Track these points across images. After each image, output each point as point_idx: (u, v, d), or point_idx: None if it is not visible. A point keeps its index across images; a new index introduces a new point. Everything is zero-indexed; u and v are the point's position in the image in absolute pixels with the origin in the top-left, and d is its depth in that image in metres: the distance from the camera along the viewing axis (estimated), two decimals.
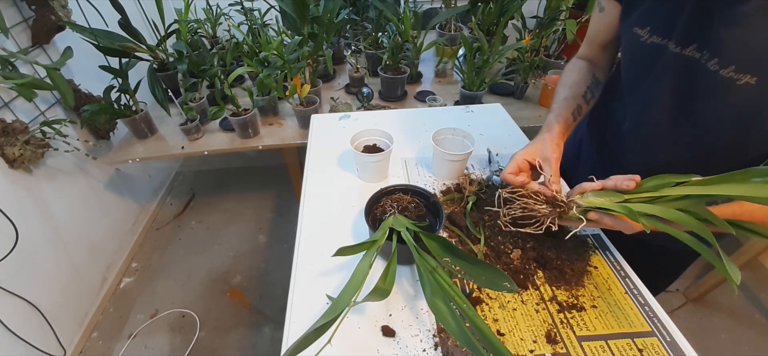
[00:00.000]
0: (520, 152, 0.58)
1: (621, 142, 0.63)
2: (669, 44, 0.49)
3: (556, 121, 0.61)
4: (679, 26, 0.48)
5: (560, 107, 0.64)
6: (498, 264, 0.57)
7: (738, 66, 0.43)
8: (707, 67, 0.45)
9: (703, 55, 0.46)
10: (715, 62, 0.45)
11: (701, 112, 0.50)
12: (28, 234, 1.16)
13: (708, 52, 0.45)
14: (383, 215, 0.59)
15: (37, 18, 1.18)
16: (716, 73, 0.45)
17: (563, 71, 0.71)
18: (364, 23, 1.75)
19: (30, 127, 1.16)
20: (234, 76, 1.23)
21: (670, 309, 1.47)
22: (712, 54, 0.45)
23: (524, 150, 0.58)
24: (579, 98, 0.64)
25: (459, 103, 1.44)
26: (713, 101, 0.48)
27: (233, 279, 1.62)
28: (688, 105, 0.51)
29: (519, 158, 0.58)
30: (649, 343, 0.47)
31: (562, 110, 0.63)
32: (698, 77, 0.47)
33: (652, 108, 0.55)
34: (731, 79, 0.44)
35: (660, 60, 0.51)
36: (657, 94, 0.54)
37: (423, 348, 0.48)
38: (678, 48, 0.48)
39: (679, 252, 0.70)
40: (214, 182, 2.20)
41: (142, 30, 1.42)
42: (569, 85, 0.66)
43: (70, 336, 1.34)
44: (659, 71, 0.52)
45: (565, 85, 0.67)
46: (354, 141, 0.74)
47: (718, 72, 0.44)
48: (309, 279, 0.57)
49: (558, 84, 0.69)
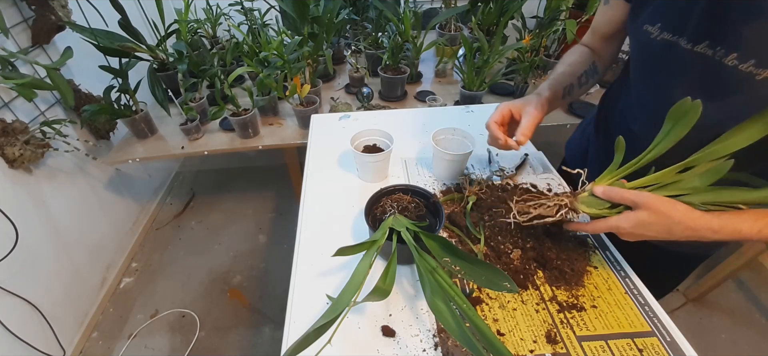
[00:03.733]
0: (506, 103, 0.63)
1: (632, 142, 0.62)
2: (680, 41, 0.49)
3: (548, 88, 0.66)
4: (692, 22, 0.47)
5: (555, 79, 0.67)
6: (498, 264, 0.57)
7: (758, 61, 0.42)
8: (724, 63, 0.45)
9: (718, 52, 0.45)
10: (733, 57, 0.44)
11: (716, 109, 0.49)
12: (28, 234, 1.16)
13: (724, 48, 0.44)
14: (383, 215, 0.59)
15: (37, 18, 1.18)
16: (735, 68, 0.44)
17: (566, 53, 0.73)
18: (364, 23, 1.75)
19: (30, 127, 1.16)
20: (234, 76, 1.23)
21: (670, 309, 1.47)
22: (729, 49, 0.44)
23: (510, 102, 0.63)
24: (573, 78, 0.68)
25: (459, 103, 1.44)
26: (731, 96, 0.47)
27: (233, 279, 1.62)
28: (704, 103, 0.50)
29: (504, 108, 0.63)
30: (649, 343, 0.47)
31: (555, 83, 0.67)
32: (714, 73, 0.47)
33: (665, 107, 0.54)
34: (751, 74, 0.43)
35: (671, 57, 0.51)
36: (669, 92, 0.53)
37: (423, 348, 0.48)
38: (690, 45, 0.48)
39: (682, 255, 0.70)
40: (214, 182, 2.20)
41: (142, 30, 1.41)
42: (568, 63, 0.69)
43: (69, 336, 1.34)
44: (671, 69, 0.52)
45: (564, 62, 0.70)
46: (354, 141, 0.74)
47: (737, 67, 0.44)
48: (309, 279, 0.57)
49: (559, 61, 0.72)
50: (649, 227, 0.46)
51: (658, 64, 0.54)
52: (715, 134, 0.50)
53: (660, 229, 0.45)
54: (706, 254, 0.70)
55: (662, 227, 0.45)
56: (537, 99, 0.63)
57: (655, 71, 0.55)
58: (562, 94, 0.67)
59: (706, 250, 0.69)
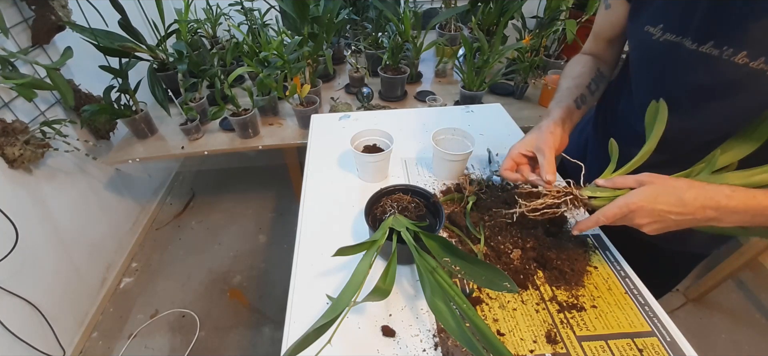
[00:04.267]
0: (516, 146, 0.59)
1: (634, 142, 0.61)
2: (684, 41, 0.48)
3: (557, 107, 0.61)
4: (695, 23, 0.47)
5: (562, 95, 0.64)
6: (498, 264, 0.57)
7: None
8: (733, 62, 0.44)
9: (725, 51, 0.45)
10: (743, 55, 0.44)
11: (724, 107, 0.49)
12: (28, 234, 1.16)
13: (732, 47, 0.44)
14: (383, 215, 0.59)
15: (37, 18, 1.18)
16: (746, 66, 0.44)
17: (567, 65, 0.71)
18: (364, 23, 1.75)
19: (30, 127, 1.16)
20: (234, 76, 1.23)
21: (670, 309, 1.47)
22: (738, 48, 0.44)
23: (519, 143, 0.59)
24: (583, 88, 0.64)
25: (459, 103, 1.44)
26: (740, 94, 0.47)
27: (233, 279, 1.62)
28: (710, 101, 0.50)
29: (514, 153, 0.59)
30: (649, 343, 0.47)
31: (564, 99, 0.63)
32: (721, 72, 0.46)
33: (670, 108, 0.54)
34: (762, 71, 0.43)
35: (675, 58, 0.50)
36: (673, 92, 0.52)
37: (423, 348, 0.48)
38: (695, 45, 0.47)
39: (684, 254, 0.70)
40: (214, 182, 2.20)
41: (142, 30, 1.42)
42: (572, 76, 0.66)
43: (69, 336, 1.34)
44: (675, 69, 0.51)
45: (568, 76, 0.67)
46: (354, 141, 0.74)
47: (748, 65, 0.43)
48: (309, 279, 0.57)
49: (561, 77, 0.69)
50: (660, 198, 0.44)
51: (661, 65, 0.53)
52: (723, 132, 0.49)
53: (672, 199, 0.43)
54: (705, 253, 0.69)
55: (674, 197, 0.43)
56: (545, 126, 0.58)
57: (658, 72, 0.54)
58: (575, 107, 0.63)
59: (705, 249, 0.68)
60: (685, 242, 0.64)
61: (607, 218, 0.46)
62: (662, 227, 0.45)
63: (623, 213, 0.46)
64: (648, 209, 0.44)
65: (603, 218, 0.47)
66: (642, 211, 0.45)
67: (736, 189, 0.43)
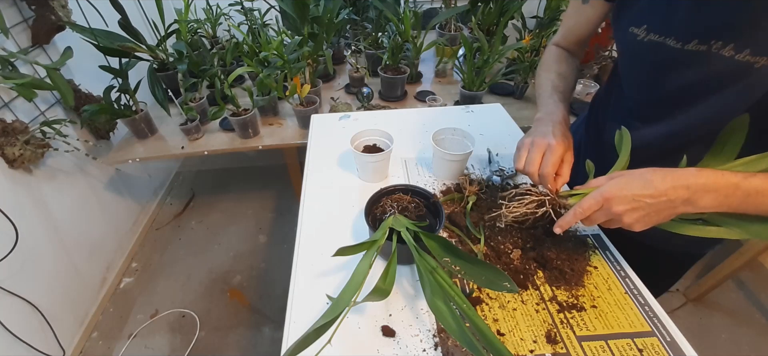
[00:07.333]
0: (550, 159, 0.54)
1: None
2: (668, 41, 0.49)
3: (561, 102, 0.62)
4: (677, 21, 0.47)
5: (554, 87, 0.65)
6: (498, 264, 0.57)
7: (754, 49, 0.43)
8: (721, 55, 0.45)
9: (713, 45, 0.45)
10: (730, 49, 0.44)
11: (713, 101, 0.49)
12: (28, 234, 1.16)
13: (719, 41, 0.44)
14: (383, 215, 0.59)
15: (37, 18, 1.18)
16: (731, 59, 0.44)
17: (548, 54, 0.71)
18: (364, 23, 1.75)
19: (30, 127, 1.16)
20: (234, 76, 1.23)
21: (670, 309, 1.47)
22: (724, 42, 0.44)
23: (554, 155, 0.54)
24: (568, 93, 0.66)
25: (459, 103, 1.44)
26: (729, 88, 0.47)
27: (233, 279, 1.62)
28: (699, 98, 0.50)
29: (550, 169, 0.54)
30: (649, 343, 0.47)
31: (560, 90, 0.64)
32: (709, 68, 0.47)
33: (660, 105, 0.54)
34: (748, 63, 0.43)
35: (662, 57, 0.51)
36: (663, 91, 0.53)
37: (423, 348, 0.48)
38: (680, 44, 0.48)
39: (679, 254, 0.70)
40: (214, 182, 2.20)
41: (142, 30, 1.42)
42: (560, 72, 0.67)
43: (69, 336, 1.34)
44: (663, 68, 0.52)
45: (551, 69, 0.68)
46: (354, 141, 0.74)
47: (734, 58, 0.44)
48: (309, 279, 0.57)
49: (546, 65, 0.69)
50: (630, 184, 0.45)
51: (649, 64, 0.54)
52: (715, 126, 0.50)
53: (641, 182, 0.45)
54: (701, 253, 0.70)
55: (642, 180, 0.45)
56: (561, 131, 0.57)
57: (646, 71, 0.55)
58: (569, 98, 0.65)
59: (701, 249, 0.69)
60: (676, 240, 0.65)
61: (583, 210, 0.48)
62: (643, 215, 0.46)
63: (599, 203, 0.47)
64: (621, 196, 0.45)
65: (580, 211, 0.48)
66: (616, 199, 0.46)
67: (702, 169, 0.44)
